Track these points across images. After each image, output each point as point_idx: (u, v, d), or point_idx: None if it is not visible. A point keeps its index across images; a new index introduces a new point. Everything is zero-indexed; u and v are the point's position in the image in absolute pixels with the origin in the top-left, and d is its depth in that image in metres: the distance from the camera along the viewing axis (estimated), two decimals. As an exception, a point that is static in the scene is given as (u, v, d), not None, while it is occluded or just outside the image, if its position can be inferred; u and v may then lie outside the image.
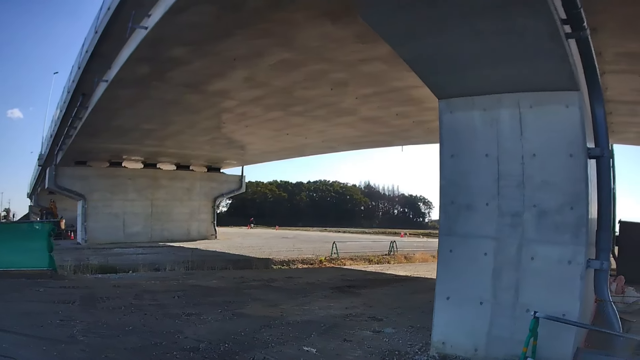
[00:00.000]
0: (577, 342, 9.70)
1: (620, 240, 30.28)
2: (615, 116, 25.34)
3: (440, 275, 11.28)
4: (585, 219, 9.64)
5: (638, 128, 28.35)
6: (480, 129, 10.92)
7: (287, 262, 29.41)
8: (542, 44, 8.89)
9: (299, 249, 37.27)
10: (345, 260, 32.71)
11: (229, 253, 32.15)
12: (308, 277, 23.52)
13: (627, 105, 23.46)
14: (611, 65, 18.34)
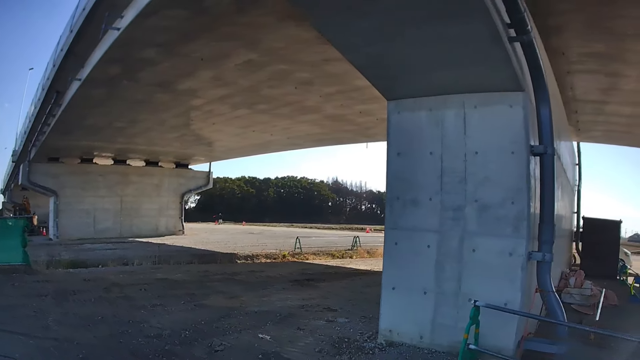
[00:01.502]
0: (520, 331, 10.15)
1: (583, 236, 30.97)
2: (580, 115, 25.94)
3: (386, 267, 11.81)
4: (525, 213, 10.11)
5: (604, 126, 28.77)
6: (426, 128, 11.39)
7: (251, 257, 29.85)
8: (484, 48, 9.32)
9: (264, 244, 37.74)
10: (308, 255, 33.19)
11: (195, 248, 32.60)
12: (270, 271, 24.11)
13: (593, 104, 24.05)
14: (576, 65, 18.95)
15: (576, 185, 34.97)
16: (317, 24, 10.18)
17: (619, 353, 11.67)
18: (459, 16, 8.64)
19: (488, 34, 8.87)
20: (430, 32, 9.23)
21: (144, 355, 9.87)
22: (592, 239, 29.75)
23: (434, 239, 11.01)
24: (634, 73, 19.08)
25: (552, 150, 10.66)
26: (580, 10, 14.74)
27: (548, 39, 16.26)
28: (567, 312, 15.06)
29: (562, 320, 10.56)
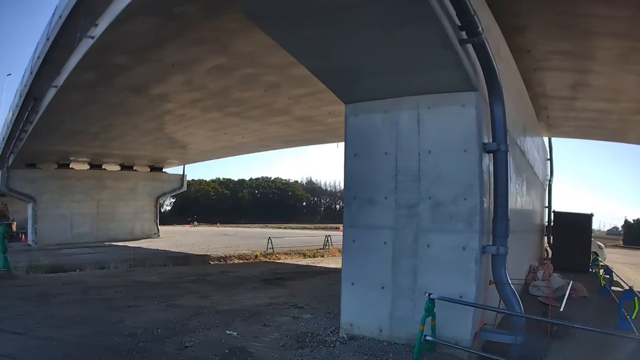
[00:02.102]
0: (475, 322, 10.50)
1: (554, 229, 31.39)
2: (550, 111, 26.44)
3: (345, 264, 12.27)
4: (478, 208, 10.49)
5: (575, 122, 29.21)
6: (381, 130, 11.80)
7: (224, 258, 30.19)
8: (435, 52, 9.68)
9: (237, 245, 37.96)
10: (280, 255, 33.57)
11: (169, 251, 32.85)
12: (241, 271, 24.50)
13: (562, 100, 24.47)
14: (542, 62, 19.38)
15: (547, 180, 35.39)
16: (272, 34, 10.62)
17: (576, 342, 12.19)
18: (409, 22, 9.02)
19: (438, 38, 9.23)
20: (382, 38, 9.61)
21: (119, 352, 10.29)
22: (564, 232, 30.12)
23: (389, 236, 11.40)
24: (602, 69, 19.49)
25: (505, 147, 11.00)
26: (542, 10, 15.21)
27: (513, 38, 16.67)
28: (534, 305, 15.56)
29: (519, 311, 10.83)
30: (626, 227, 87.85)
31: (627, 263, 37.90)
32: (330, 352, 10.55)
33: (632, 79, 19.92)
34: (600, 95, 22.98)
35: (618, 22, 15.08)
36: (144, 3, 14.01)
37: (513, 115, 15.69)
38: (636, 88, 20.88)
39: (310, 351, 10.57)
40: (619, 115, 25.72)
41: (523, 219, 19.37)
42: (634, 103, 23.12)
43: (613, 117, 26.42)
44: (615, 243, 76.18)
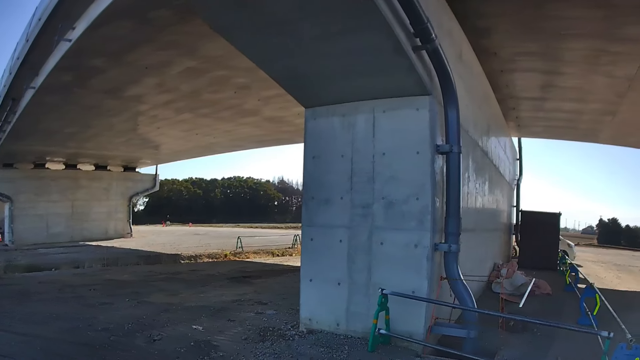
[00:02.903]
0: (428, 316, 10.91)
1: (521, 228, 31.83)
2: (519, 111, 26.90)
3: (304, 261, 12.71)
4: (430, 207, 10.93)
5: (544, 122, 29.67)
6: (338, 133, 12.26)
7: (194, 257, 30.50)
8: (389, 59, 10.12)
9: (208, 245, 38.32)
10: (249, 254, 33.94)
11: (141, 250, 33.01)
12: (210, 270, 24.94)
13: (531, 101, 24.92)
14: (509, 64, 19.71)
15: (516, 180, 35.84)
16: (234, 44, 11.17)
17: (534, 336, 12.83)
18: (362, 31, 9.47)
19: (391, 45, 9.69)
20: (339, 46, 10.07)
21: (93, 345, 10.81)
22: (531, 231, 30.73)
23: (345, 234, 11.88)
24: (571, 70, 19.90)
25: (458, 148, 11.38)
26: (508, 12, 15.54)
27: (479, 40, 17.05)
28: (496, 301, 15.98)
29: (471, 306, 11.22)
30: (601, 227, 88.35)
31: (598, 261, 38.53)
32: (288, 344, 11.01)
33: (602, 80, 20.26)
34: (570, 96, 23.34)
35: (588, 23, 15.45)
36: (120, 8, 14.27)
37: (476, 117, 16.22)
38: (606, 89, 21.24)
39: (270, 344, 11.04)
40: (590, 115, 26.04)
41: (485, 218, 19.82)
42: (605, 104, 23.43)
43: (584, 118, 26.74)
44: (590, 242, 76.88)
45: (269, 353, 10.40)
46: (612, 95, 21.84)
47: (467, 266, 14.62)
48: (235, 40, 11.04)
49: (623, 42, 16.20)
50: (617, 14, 14.47)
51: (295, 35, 9.96)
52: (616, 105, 22.99)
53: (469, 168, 15.28)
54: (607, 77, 19.82)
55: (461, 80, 13.78)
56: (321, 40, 10.05)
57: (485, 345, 11.34)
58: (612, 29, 15.52)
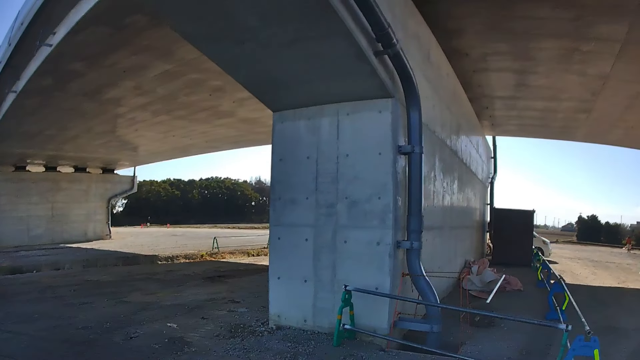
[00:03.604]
0: (392, 311, 11.30)
1: (494, 226, 32.24)
2: (493, 110, 27.31)
3: (272, 259, 13.10)
4: (391, 206, 11.30)
5: (518, 120, 30.14)
6: (304, 136, 12.64)
7: (171, 258, 30.75)
8: (351, 64, 10.50)
9: (185, 245, 38.59)
10: (225, 254, 34.22)
11: (120, 251, 33.09)
12: (186, 270, 25.27)
13: (503, 100, 25.31)
14: (480, 64, 20.10)
15: (489, 178, 36.31)
16: (203, 51, 11.60)
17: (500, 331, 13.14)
18: (325, 38, 9.84)
19: (353, 51, 10.07)
20: (303, 52, 10.47)
21: (73, 342, 11.19)
22: (505, 229, 31.20)
23: (311, 233, 12.28)
24: (543, 70, 20.27)
25: (419, 149, 11.74)
26: (479, 13, 15.90)
27: (450, 41, 17.46)
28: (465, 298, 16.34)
29: (434, 301, 11.48)
30: (580, 224, 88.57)
31: (575, 258, 38.94)
32: (258, 340, 11.38)
33: (575, 78, 20.61)
34: (542, 95, 23.75)
35: (558, 23, 15.77)
36: (98, 14, 14.56)
37: (444, 117, 16.67)
38: (580, 87, 21.61)
39: (240, 340, 11.41)
40: (564, 113, 26.42)
41: (455, 216, 20.21)
42: (579, 102, 23.85)
43: (558, 116, 27.15)
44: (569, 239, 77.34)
45: (239, 348, 10.75)
46: (587, 94, 22.21)
47: (435, 263, 15.11)
48: (203, 48, 11.42)
49: (595, 41, 16.52)
50: (587, 13, 14.78)
51: (261, 42, 10.30)
52: (591, 103, 23.37)
53: (436, 167, 15.68)
54: (580, 76, 20.15)
55: (428, 81, 14.26)
56: (286, 47, 10.37)
57: (451, 340, 11.68)
58: (583, 29, 15.81)
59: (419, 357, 10.45)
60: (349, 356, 10.30)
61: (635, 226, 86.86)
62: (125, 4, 13.58)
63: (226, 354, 10.41)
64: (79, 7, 14.98)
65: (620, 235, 72.38)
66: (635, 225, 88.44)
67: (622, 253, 48.94)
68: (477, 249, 30.14)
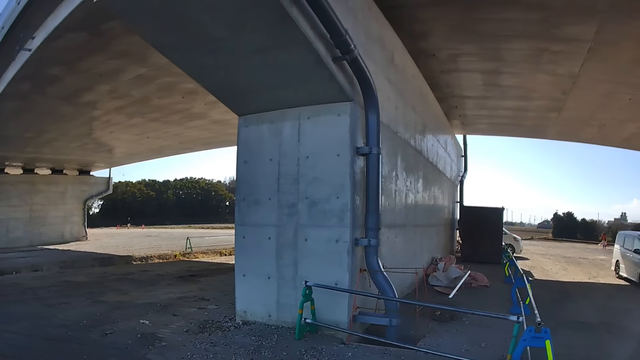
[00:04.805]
0: (351, 306, 11.80)
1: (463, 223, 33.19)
2: (463, 109, 28.13)
3: (237, 258, 13.68)
4: (349, 205, 11.83)
5: (488, 119, 30.84)
6: (267, 139, 13.17)
7: (145, 258, 30.98)
8: (311, 70, 11.06)
9: (159, 246, 38.84)
10: (198, 254, 34.50)
11: (96, 253, 33.15)
12: (160, 270, 25.64)
13: (473, 99, 26.00)
14: (448, 65, 20.70)
15: (459, 177, 36.93)
16: (173, 61, 12.16)
17: (462, 325, 13.66)
18: (285, 47, 10.46)
19: (312, 58, 10.63)
20: (267, 60, 11.05)
21: (53, 340, 11.67)
22: (474, 226, 31.77)
23: (273, 232, 12.80)
24: (512, 70, 20.85)
25: (377, 150, 12.25)
26: (445, 16, 16.42)
27: (417, 43, 17.99)
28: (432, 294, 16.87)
29: (392, 296, 11.99)
30: (556, 221, 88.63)
31: (547, 254, 39.56)
32: (224, 335, 11.93)
33: (544, 78, 21.18)
34: (513, 94, 24.38)
35: (526, 25, 16.25)
36: (75, 20, 14.93)
37: (407, 118, 17.21)
38: (550, 86, 22.19)
39: (208, 335, 11.96)
40: (535, 112, 27.07)
41: (419, 214, 20.63)
42: (550, 101, 24.45)
43: (529, 115, 27.76)
44: (544, 236, 77.88)
45: (207, 342, 11.28)
46: (557, 93, 22.75)
47: (398, 260, 15.62)
48: (172, 57, 11.96)
49: (563, 41, 16.99)
50: (555, 14, 15.25)
51: (227, 52, 10.93)
52: (561, 102, 23.94)
53: (398, 167, 16.22)
54: (550, 75, 20.68)
55: (391, 83, 14.89)
56: (250, 56, 10.96)
57: (411, 334, 12.19)
58: (551, 29, 16.27)
59: (377, 349, 10.92)
60: (310, 349, 10.79)
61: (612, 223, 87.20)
62: (101, 11, 13.92)
63: (194, 347, 10.91)
64: (57, 13, 15.33)
65: (596, 232, 72.62)
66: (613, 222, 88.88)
67: (597, 249, 49.55)
68: (445, 247, 30.61)
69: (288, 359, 10.26)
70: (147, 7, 9.83)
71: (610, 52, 17.46)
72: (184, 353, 10.52)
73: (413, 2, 15.59)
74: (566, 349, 11.15)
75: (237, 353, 10.50)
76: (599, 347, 11.89)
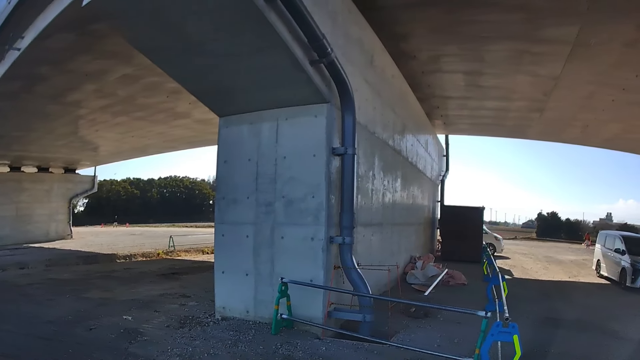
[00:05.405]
0: (325, 302, 12.19)
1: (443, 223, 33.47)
2: (444, 110, 28.39)
3: (217, 255, 14.06)
4: (324, 204, 12.19)
5: (470, 120, 31.22)
6: (246, 139, 13.50)
7: (129, 256, 31.02)
8: (289, 73, 11.41)
9: (143, 244, 38.78)
10: (181, 252, 34.70)
11: (81, 251, 33.23)
12: (143, 268, 25.93)
13: (454, 100, 26.31)
14: (429, 66, 20.93)
15: (440, 176, 37.36)
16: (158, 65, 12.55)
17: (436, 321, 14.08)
18: (264, 51, 10.81)
19: (290, 62, 11.00)
20: (248, 63, 11.42)
21: (40, 334, 11.99)
22: (454, 225, 32.00)
23: (251, 230, 13.15)
24: (493, 71, 21.12)
25: (352, 150, 12.61)
26: (424, 19, 16.71)
27: (398, 45, 18.31)
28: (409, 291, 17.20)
29: (365, 292, 12.29)
30: (540, 220, 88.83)
31: (528, 254, 39.94)
32: (204, 330, 12.29)
33: (526, 79, 21.45)
34: (494, 95, 24.64)
35: (507, 26, 16.52)
36: (64, 20, 15.08)
37: (386, 118, 17.54)
38: (531, 87, 22.45)
39: (188, 330, 12.33)
40: (516, 113, 27.28)
41: (397, 213, 20.93)
42: (531, 102, 24.69)
43: (510, 115, 27.96)
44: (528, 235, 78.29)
45: (187, 337, 11.65)
46: (539, 94, 23.01)
47: (375, 257, 16.03)
48: (156, 61, 12.38)
49: (545, 43, 17.28)
50: (536, 16, 15.54)
51: (208, 55, 11.27)
52: (543, 102, 24.17)
53: (375, 166, 16.57)
54: (532, 77, 20.96)
55: (369, 84, 15.26)
56: (232, 60, 11.36)
57: (385, 330, 12.45)
58: (533, 31, 16.56)
59: (350, 344, 11.32)
60: (285, 343, 11.16)
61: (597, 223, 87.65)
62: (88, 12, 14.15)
63: (174, 342, 11.26)
64: (47, 14, 15.55)
65: (581, 232, 72.93)
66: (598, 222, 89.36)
67: (581, 249, 49.95)
68: (425, 245, 30.94)
69: (264, 352, 10.58)
70: (132, 12, 10.16)
71: (593, 54, 17.71)
72: (164, 347, 10.86)
73: (394, 4, 15.88)
74: (538, 345, 11.64)
75: (215, 347, 10.85)
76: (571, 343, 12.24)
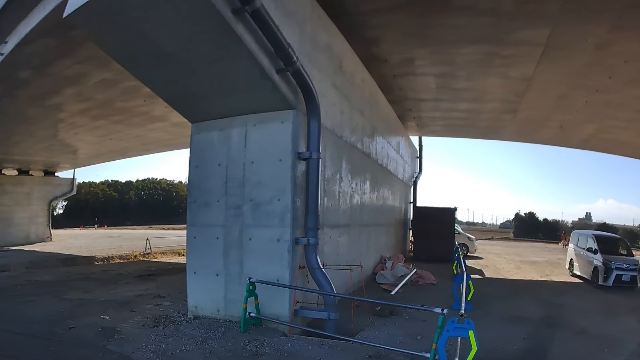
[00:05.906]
0: (291, 301, 12.72)
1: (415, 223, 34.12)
2: (417, 112, 28.93)
3: (189, 256, 14.61)
4: (290, 207, 12.72)
5: (443, 121, 31.83)
6: (217, 145, 14.01)
7: (107, 258, 31.35)
8: (256, 81, 11.95)
9: (120, 246, 38.78)
10: (157, 254, 35.04)
11: (60, 253, 33.08)
12: (120, 270, 26.23)
13: (427, 102, 26.78)
14: (400, 69, 21.42)
15: (413, 177, 37.98)
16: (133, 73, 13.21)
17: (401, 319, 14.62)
18: (234, 59, 11.32)
19: (257, 70, 11.54)
20: (217, 71, 11.91)
21: (23, 333, 12.44)
22: (426, 226, 32.58)
23: (221, 232, 13.67)
24: (463, 73, 21.66)
25: (317, 155, 13.19)
26: (394, 23, 17.16)
27: (369, 49, 18.82)
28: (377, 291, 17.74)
29: (329, 291, 12.89)
30: (517, 221, 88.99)
31: (502, 254, 40.52)
32: (177, 328, 12.86)
33: (495, 81, 22.00)
34: (465, 97, 25.22)
35: (476, 30, 16.98)
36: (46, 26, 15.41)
37: (354, 122, 18.05)
38: (503, 89, 23.04)
39: (162, 328, 12.90)
40: (489, 114, 27.92)
41: (366, 214, 21.38)
42: (504, 103, 25.29)
43: (483, 117, 28.63)
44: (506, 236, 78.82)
45: (160, 335, 12.20)
46: (511, 95, 23.57)
47: (342, 258, 16.64)
48: (129, 69, 12.95)
49: (515, 45, 17.78)
50: (506, 19, 16.03)
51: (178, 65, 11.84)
52: (516, 104, 24.76)
53: (343, 169, 17.12)
54: (503, 79, 21.47)
55: (337, 89, 15.85)
56: (201, 67, 11.91)
57: (350, 327, 13.11)
58: (502, 34, 17.09)
59: (315, 341, 11.86)
60: (253, 340, 11.71)
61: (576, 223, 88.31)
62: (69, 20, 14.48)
63: (149, 339, 11.80)
64: (29, 20, 15.90)
65: (558, 232, 73.38)
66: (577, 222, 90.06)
67: (557, 248, 50.46)
68: (397, 246, 31.37)
69: (232, 349, 11.12)
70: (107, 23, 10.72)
71: (564, 56, 18.19)
72: (139, 344, 11.38)
73: (364, 10, 16.30)
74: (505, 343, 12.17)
75: (186, 344, 11.40)
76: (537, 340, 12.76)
